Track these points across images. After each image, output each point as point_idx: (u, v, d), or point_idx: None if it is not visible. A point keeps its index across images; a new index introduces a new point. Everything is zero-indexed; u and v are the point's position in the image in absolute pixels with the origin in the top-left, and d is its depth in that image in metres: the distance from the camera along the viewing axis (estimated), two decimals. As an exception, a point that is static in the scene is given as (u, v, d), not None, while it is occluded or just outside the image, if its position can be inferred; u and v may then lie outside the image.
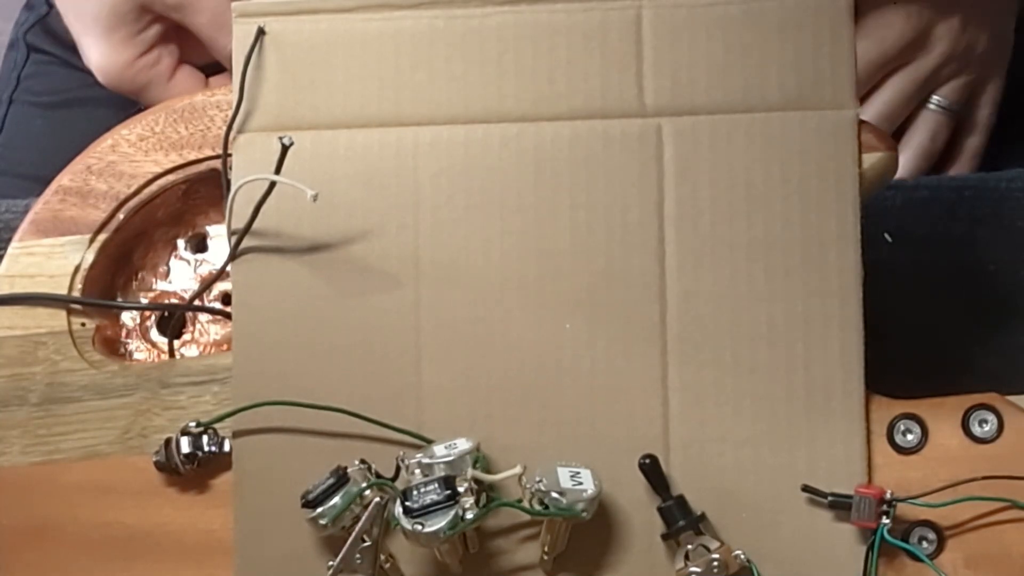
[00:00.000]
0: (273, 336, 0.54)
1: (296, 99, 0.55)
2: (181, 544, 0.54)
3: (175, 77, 0.67)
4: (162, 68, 0.66)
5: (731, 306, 0.52)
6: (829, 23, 0.53)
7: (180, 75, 0.67)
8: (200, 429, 0.53)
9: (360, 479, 0.51)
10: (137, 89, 0.67)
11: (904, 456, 0.53)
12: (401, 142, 0.54)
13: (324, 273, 0.54)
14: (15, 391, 0.55)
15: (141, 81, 0.66)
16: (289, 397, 0.53)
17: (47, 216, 0.57)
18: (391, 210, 0.54)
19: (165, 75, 0.67)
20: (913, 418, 0.53)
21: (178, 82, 0.67)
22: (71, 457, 0.55)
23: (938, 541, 0.52)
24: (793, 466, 0.52)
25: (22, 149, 0.79)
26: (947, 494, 0.51)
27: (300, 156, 0.53)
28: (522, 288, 0.53)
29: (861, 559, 0.51)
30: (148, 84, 0.66)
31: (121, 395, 0.55)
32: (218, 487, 0.54)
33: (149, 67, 0.66)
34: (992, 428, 0.52)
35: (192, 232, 0.60)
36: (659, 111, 0.54)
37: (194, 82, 0.67)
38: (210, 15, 0.65)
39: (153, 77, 0.66)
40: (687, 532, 0.51)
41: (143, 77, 0.66)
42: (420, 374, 0.53)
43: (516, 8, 0.55)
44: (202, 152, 0.57)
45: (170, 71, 0.67)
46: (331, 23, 0.56)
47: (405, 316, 0.53)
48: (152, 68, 0.66)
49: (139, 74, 0.66)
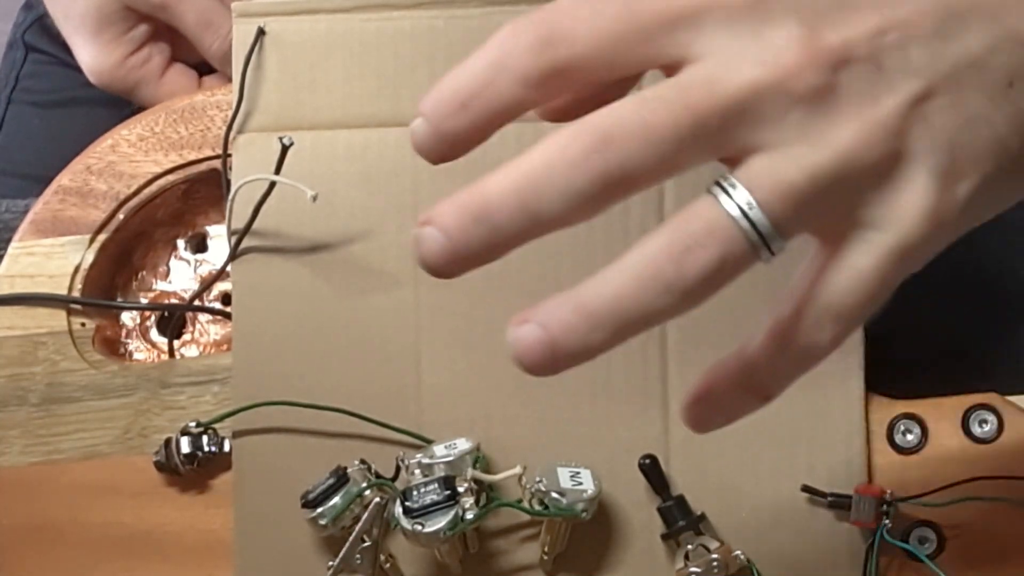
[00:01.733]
0: (273, 336, 0.54)
1: (296, 99, 0.55)
2: (181, 544, 0.54)
3: (166, 75, 0.67)
4: (153, 67, 0.66)
5: (731, 306, 0.52)
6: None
7: (171, 73, 0.67)
8: (200, 429, 0.53)
9: (360, 479, 0.51)
10: (128, 88, 0.66)
11: (904, 456, 0.53)
12: (401, 142, 0.54)
13: (324, 273, 0.54)
14: (15, 391, 0.55)
15: (132, 80, 0.66)
16: (289, 397, 0.53)
17: (47, 216, 0.57)
18: (391, 210, 0.54)
19: (156, 74, 0.66)
20: (913, 418, 0.53)
21: (170, 80, 0.67)
22: (71, 457, 0.55)
23: (938, 541, 0.52)
24: (793, 466, 0.52)
25: (21, 149, 0.79)
26: (947, 494, 0.51)
27: (300, 156, 0.53)
28: (522, 288, 0.53)
29: (861, 559, 0.51)
30: (139, 83, 0.66)
31: (121, 395, 0.55)
32: (218, 487, 0.54)
33: (139, 66, 0.66)
34: (992, 428, 0.52)
35: (192, 232, 0.60)
36: (659, 111, 0.54)
37: (186, 80, 0.67)
38: (196, 14, 0.65)
39: (144, 76, 0.66)
40: (687, 532, 0.51)
41: (133, 76, 0.66)
42: (420, 374, 0.53)
43: (516, 8, 0.55)
44: (202, 152, 0.57)
45: (161, 69, 0.67)
46: (331, 23, 0.56)
47: (405, 316, 0.53)
48: (142, 67, 0.66)
49: (129, 73, 0.66)
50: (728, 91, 0.31)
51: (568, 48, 0.33)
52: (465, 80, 0.34)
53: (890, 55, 0.32)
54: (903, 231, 0.32)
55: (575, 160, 0.32)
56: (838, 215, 0.33)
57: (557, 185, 0.32)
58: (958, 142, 0.32)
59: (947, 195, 0.32)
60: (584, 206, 0.32)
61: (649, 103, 0.32)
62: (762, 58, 0.31)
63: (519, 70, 0.33)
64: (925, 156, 0.32)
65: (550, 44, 0.33)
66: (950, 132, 0.32)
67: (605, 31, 0.32)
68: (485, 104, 0.34)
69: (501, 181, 0.33)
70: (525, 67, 0.33)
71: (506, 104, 0.34)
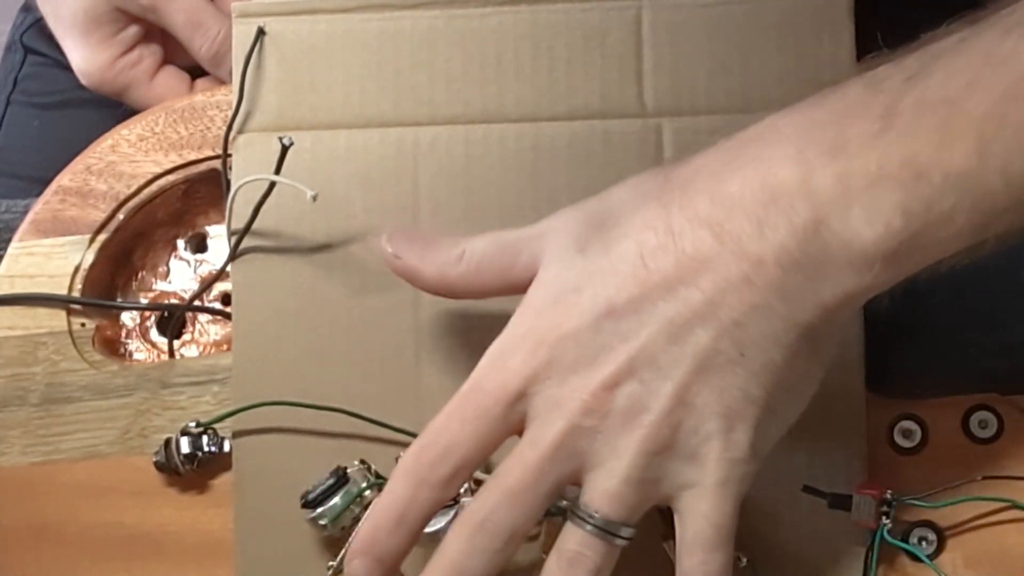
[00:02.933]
0: (273, 336, 0.54)
1: (296, 99, 0.55)
2: (181, 544, 0.54)
3: (157, 77, 0.66)
4: (143, 68, 0.66)
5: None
6: (829, 23, 0.53)
7: (162, 75, 0.67)
8: (200, 429, 0.53)
9: (360, 479, 0.51)
10: (119, 90, 0.66)
11: (904, 456, 0.53)
12: (401, 142, 0.54)
13: (324, 273, 0.54)
14: (15, 391, 0.55)
15: (122, 81, 0.66)
16: (289, 397, 0.53)
17: (47, 216, 0.57)
18: (391, 210, 0.54)
19: (147, 75, 0.66)
20: (913, 418, 0.53)
21: (160, 83, 0.66)
22: (71, 457, 0.55)
23: (938, 541, 0.52)
24: (793, 466, 0.52)
25: (20, 150, 0.79)
26: (947, 494, 0.51)
27: (300, 156, 0.53)
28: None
29: (861, 559, 0.51)
30: (129, 84, 0.66)
31: (121, 395, 0.55)
32: (218, 487, 0.54)
33: (129, 67, 0.66)
34: (992, 428, 0.52)
35: (192, 232, 0.60)
36: (659, 111, 0.54)
37: (177, 83, 0.67)
38: (185, 16, 0.64)
39: (134, 77, 0.66)
40: (687, 532, 0.51)
41: (124, 77, 0.66)
42: (420, 374, 0.53)
43: (516, 8, 0.55)
44: (202, 152, 0.57)
45: (152, 71, 0.66)
46: (331, 23, 0.56)
47: (405, 316, 0.53)
48: (132, 68, 0.66)
49: (120, 74, 0.66)
50: (546, 444, 0.43)
51: (457, 455, 0.44)
52: (391, 502, 0.45)
53: (645, 370, 0.43)
54: (712, 473, 0.43)
55: (472, 547, 0.44)
56: (666, 488, 0.43)
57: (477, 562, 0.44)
58: (719, 408, 0.42)
59: (730, 444, 0.43)
60: (496, 561, 0.44)
61: (505, 470, 0.44)
62: (560, 412, 0.43)
63: (433, 481, 0.44)
64: (700, 427, 0.42)
65: (448, 455, 0.44)
66: (712, 404, 0.42)
67: (473, 432, 0.44)
68: (417, 512, 0.45)
69: (434, 570, 0.44)
70: (438, 477, 0.44)
71: (435, 506, 0.45)
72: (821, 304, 0.42)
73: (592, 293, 0.43)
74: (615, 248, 0.44)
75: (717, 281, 0.42)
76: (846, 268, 0.41)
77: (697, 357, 0.42)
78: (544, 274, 0.45)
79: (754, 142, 0.44)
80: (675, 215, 0.43)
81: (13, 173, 0.77)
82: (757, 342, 0.42)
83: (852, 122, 0.42)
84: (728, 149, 0.44)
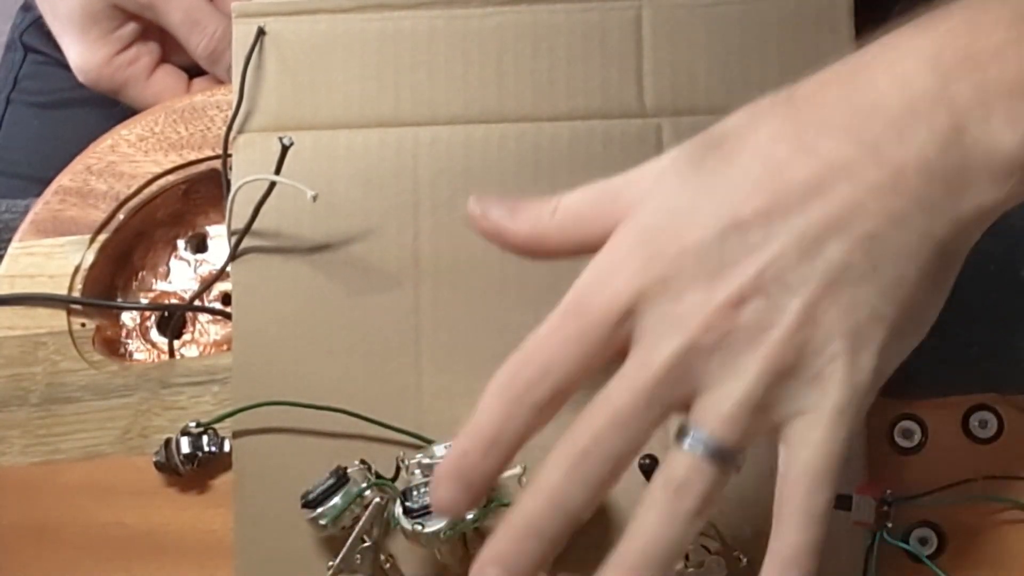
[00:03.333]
0: (273, 336, 0.54)
1: (296, 99, 0.55)
2: (181, 544, 0.54)
3: (154, 76, 0.66)
4: (140, 67, 0.66)
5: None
6: (829, 23, 0.53)
7: (159, 74, 0.67)
8: (200, 429, 0.53)
9: (360, 479, 0.51)
10: (115, 88, 0.66)
11: (904, 456, 0.53)
12: (401, 142, 0.54)
13: (324, 273, 0.54)
14: (15, 391, 0.55)
15: (119, 79, 0.66)
16: (289, 397, 0.53)
17: (47, 216, 0.57)
18: (391, 210, 0.54)
19: (144, 74, 0.66)
20: (913, 418, 0.53)
21: (158, 81, 0.66)
22: (71, 457, 0.55)
23: (938, 541, 0.52)
24: (793, 466, 0.52)
25: (20, 150, 0.79)
26: (947, 494, 0.51)
27: (300, 156, 0.53)
28: (522, 288, 0.53)
29: (861, 559, 0.51)
30: (126, 82, 0.66)
31: (121, 395, 0.55)
32: (218, 487, 0.54)
33: (126, 65, 0.66)
34: (992, 428, 0.52)
35: (192, 232, 0.60)
36: (659, 111, 0.54)
37: (174, 82, 0.67)
38: (182, 14, 0.64)
39: (131, 75, 0.66)
40: (687, 532, 0.51)
41: (121, 75, 0.66)
42: (420, 374, 0.53)
43: (516, 8, 0.55)
44: (202, 152, 0.57)
45: (149, 70, 0.66)
46: (331, 23, 0.56)
47: (405, 316, 0.53)
48: (129, 66, 0.66)
49: (116, 72, 0.66)
50: (659, 363, 0.40)
51: (556, 375, 0.41)
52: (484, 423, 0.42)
53: (773, 286, 0.40)
54: (833, 396, 0.40)
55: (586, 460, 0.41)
56: (779, 415, 0.40)
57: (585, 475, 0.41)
58: (847, 327, 0.40)
59: (855, 367, 0.40)
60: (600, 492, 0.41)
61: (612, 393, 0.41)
62: (677, 329, 0.40)
63: (529, 402, 0.41)
64: (825, 347, 0.40)
65: (546, 375, 0.41)
66: (840, 322, 0.40)
67: (574, 352, 0.41)
68: (512, 435, 0.42)
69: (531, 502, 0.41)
70: (534, 399, 0.41)
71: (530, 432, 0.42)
72: (957, 218, 0.40)
73: (715, 206, 0.41)
74: (738, 161, 0.42)
75: (856, 188, 0.40)
76: (986, 178, 0.40)
77: (828, 272, 0.40)
78: (650, 199, 0.43)
79: (883, 55, 0.42)
80: (806, 126, 0.41)
81: (13, 173, 0.77)
82: (891, 256, 0.40)
83: (984, 31, 0.41)
84: (853, 63, 0.43)
